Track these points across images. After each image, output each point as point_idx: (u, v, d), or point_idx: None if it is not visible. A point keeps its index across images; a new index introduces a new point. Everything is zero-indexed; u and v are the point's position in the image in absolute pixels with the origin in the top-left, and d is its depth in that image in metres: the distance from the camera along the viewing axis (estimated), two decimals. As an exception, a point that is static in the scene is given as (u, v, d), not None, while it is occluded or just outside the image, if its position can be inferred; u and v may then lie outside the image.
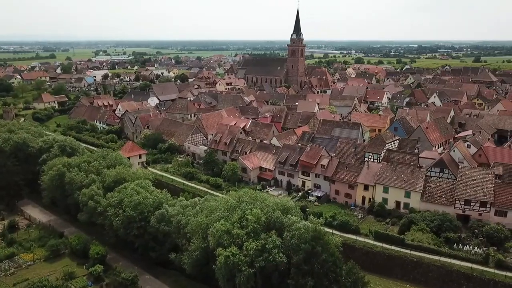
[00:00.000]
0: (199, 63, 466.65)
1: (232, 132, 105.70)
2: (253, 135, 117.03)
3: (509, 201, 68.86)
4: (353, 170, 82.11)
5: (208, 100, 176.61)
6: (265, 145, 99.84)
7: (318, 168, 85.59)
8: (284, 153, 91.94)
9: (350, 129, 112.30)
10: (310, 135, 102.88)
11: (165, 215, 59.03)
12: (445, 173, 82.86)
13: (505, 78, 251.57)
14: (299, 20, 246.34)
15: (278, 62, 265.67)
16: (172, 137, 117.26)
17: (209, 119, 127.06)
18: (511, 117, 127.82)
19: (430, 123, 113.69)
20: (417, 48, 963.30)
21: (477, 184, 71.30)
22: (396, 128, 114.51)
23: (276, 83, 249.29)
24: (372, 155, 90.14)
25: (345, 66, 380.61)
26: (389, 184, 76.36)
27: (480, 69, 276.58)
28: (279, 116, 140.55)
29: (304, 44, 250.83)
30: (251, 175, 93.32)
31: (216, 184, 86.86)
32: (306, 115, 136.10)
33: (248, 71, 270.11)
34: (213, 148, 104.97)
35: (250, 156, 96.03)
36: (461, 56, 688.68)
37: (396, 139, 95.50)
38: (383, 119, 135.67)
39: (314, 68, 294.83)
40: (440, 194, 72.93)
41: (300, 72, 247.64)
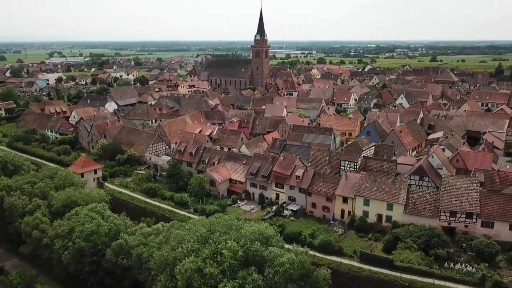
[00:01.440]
0: (160, 65, 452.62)
1: (197, 141, 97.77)
2: (220, 143, 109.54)
3: (495, 211, 65.19)
4: (330, 181, 76.40)
5: (170, 104, 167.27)
6: (234, 155, 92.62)
7: (292, 179, 79.37)
8: (255, 164, 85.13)
9: (321, 134, 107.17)
10: (281, 142, 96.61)
11: (124, 247, 50.73)
12: (425, 181, 79.12)
13: (465, 77, 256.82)
14: (262, 20, 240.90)
15: (242, 63, 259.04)
16: (132, 147, 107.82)
17: (172, 126, 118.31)
18: (479, 118, 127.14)
19: (403, 126, 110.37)
20: (375, 48, 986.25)
21: (461, 194, 67.28)
22: (368, 132, 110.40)
23: (241, 85, 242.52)
24: (348, 163, 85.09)
25: (308, 67, 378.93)
26: (369, 196, 71.13)
27: (441, 69, 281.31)
28: (246, 121, 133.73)
29: (268, 45, 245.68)
30: (220, 188, 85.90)
31: (182, 202, 78.65)
32: (275, 119, 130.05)
33: (211, 73, 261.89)
34: (177, 159, 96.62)
35: (218, 167, 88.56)
36: (417, 55, 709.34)
37: (372, 146, 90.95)
38: (353, 122, 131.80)
39: (279, 69, 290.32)
40: (424, 206, 68.41)
41: (265, 74, 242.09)
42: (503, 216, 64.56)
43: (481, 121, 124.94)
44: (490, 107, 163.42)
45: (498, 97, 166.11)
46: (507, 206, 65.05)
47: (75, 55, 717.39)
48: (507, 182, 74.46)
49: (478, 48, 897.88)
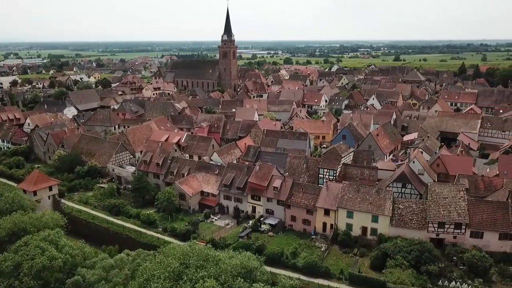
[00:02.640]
0: (123, 66, 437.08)
1: (165, 150, 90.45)
2: (190, 151, 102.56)
3: (484, 220, 62.04)
4: (311, 192, 71.31)
5: (134, 108, 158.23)
6: (206, 165, 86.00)
7: (270, 190, 73.76)
8: (229, 174, 78.94)
9: (296, 139, 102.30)
10: (256, 149, 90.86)
11: (81, 284, 43.37)
12: (408, 188, 75.52)
13: (430, 77, 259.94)
14: (229, 20, 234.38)
15: (210, 64, 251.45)
16: (93, 158, 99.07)
17: (137, 134, 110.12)
18: (452, 119, 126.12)
19: (380, 129, 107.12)
20: (339, 47, 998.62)
21: (449, 203, 63.78)
22: (344, 136, 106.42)
23: (209, 86, 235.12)
24: (327, 171, 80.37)
25: (276, 67, 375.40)
26: (353, 208, 66.53)
27: (407, 69, 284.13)
28: (217, 126, 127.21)
29: (236, 46, 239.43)
30: (191, 202, 79.16)
31: (149, 221, 71.31)
32: (247, 124, 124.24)
33: (177, 74, 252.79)
34: (142, 170, 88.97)
35: (188, 179, 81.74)
36: (380, 55, 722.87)
37: (351, 151, 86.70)
38: (326, 125, 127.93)
39: (247, 70, 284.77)
40: (410, 217, 64.45)
41: (233, 75, 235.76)
42: (493, 226, 61.51)
43: (454, 122, 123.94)
44: (459, 106, 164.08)
45: (467, 97, 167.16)
46: (496, 214, 62.07)
47: (32, 56, 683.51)
48: (491, 188, 71.92)
49: (437, 48, 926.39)
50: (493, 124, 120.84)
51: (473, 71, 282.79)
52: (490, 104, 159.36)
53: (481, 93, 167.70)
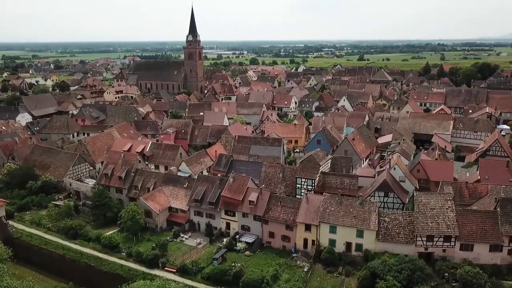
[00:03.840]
0: (83, 68, 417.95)
1: (127, 162, 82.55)
2: (155, 161, 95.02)
3: (474, 232, 58.63)
4: (290, 206, 65.88)
5: (94, 114, 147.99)
6: (173, 177, 78.86)
7: (245, 205, 67.78)
8: (200, 188, 72.31)
9: (270, 146, 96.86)
10: (228, 158, 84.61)
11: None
12: (390, 197, 71.65)
13: (396, 76, 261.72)
14: (194, 20, 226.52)
15: (175, 65, 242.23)
16: (47, 171, 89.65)
17: (97, 143, 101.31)
18: (425, 120, 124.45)
19: (355, 133, 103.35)
20: (304, 47, 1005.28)
21: (437, 214, 60.00)
22: (319, 141, 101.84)
23: (174, 89, 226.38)
24: (305, 181, 75.31)
25: (243, 68, 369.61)
26: (336, 222, 61.60)
27: (374, 69, 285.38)
28: (184, 132, 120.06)
29: (201, 46, 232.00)
30: (159, 220, 71.96)
31: (111, 244, 63.60)
32: (216, 129, 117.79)
33: (140, 77, 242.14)
34: (103, 185, 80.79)
35: (154, 194, 74.46)
36: (344, 54, 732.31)
37: (329, 159, 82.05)
38: (299, 128, 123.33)
39: (214, 71, 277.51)
40: (397, 230, 60.22)
41: (199, 77, 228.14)
42: (483, 237, 58.20)
43: (427, 123, 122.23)
44: (428, 107, 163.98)
45: (435, 97, 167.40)
46: (486, 225, 58.82)
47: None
48: (476, 195, 68.96)
49: (398, 47, 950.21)
50: (465, 125, 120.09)
51: (437, 70, 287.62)
52: (458, 104, 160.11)
53: (449, 93, 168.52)
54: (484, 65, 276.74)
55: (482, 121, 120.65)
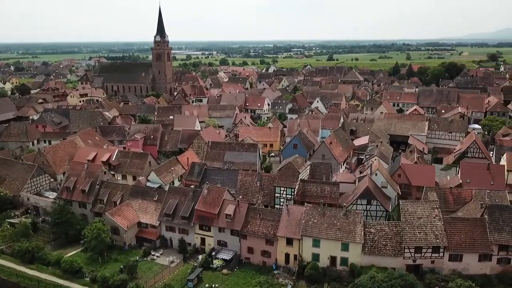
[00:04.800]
0: (46, 70, 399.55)
1: (92, 173, 75.95)
2: (122, 170, 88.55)
3: (462, 241, 56.06)
4: (270, 218, 61.52)
5: (56, 119, 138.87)
6: (142, 189, 72.99)
7: (221, 219, 62.92)
8: (171, 201, 66.88)
9: (245, 151, 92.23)
10: (201, 167, 79.38)
11: None
12: (373, 205, 68.57)
13: (367, 76, 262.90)
14: (162, 20, 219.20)
15: (142, 67, 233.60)
16: (2, 185, 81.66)
17: (58, 152, 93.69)
18: (400, 121, 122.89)
19: (332, 136, 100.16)
20: (273, 48, 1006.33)
21: (424, 224, 57.11)
22: (295, 145, 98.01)
23: (142, 91, 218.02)
24: (285, 189, 71.16)
25: (213, 69, 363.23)
26: (319, 235, 57.69)
27: (345, 69, 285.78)
28: (153, 137, 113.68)
29: (170, 47, 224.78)
30: (127, 237, 66.05)
31: (73, 269, 57.23)
32: (188, 134, 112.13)
33: (106, 79, 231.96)
34: (65, 199, 73.95)
35: (122, 208, 68.44)
36: (313, 54, 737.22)
37: (308, 165, 78.23)
38: (273, 132, 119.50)
39: (183, 72, 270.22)
40: (384, 242, 56.91)
41: (168, 78, 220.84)
42: (472, 247, 55.76)
43: (402, 124, 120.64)
44: (401, 107, 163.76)
45: (408, 97, 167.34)
46: (474, 234, 56.41)
47: None
48: (460, 200, 66.79)
49: (365, 47, 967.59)
50: (440, 126, 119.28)
51: (406, 70, 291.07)
52: (430, 104, 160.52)
53: (421, 93, 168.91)
54: (451, 64, 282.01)
55: (456, 121, 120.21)
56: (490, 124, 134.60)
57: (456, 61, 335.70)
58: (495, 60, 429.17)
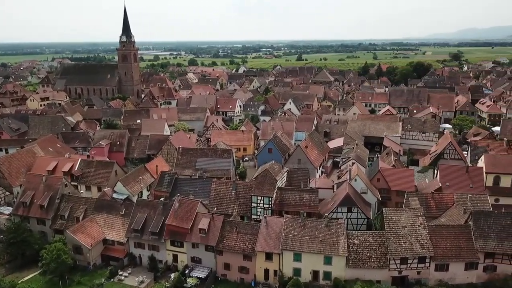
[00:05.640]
0: (5, 71, 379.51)
1: (51, 186, 69.57)
2: (86, 181, 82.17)
3: (448, 250, 53.94)
4: (247, 232, 57.52)
5: (14, 125, 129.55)
6: (107, 203, 67.36)
7: (195, 234, 58.39)
8: (139, 215, 61.77)
9: (218, 158, 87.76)
10: (172, 176, 74.35)
11: None
12: (354, 212, 65.84)
13: (337, 76, 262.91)
14: (127, 20, 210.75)
15: (108, 68, 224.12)
16: (-50, 201, 74.13)
17: (14, 163, 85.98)
18: (374, 122, 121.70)
19: (308, 140, 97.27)
20: (242, 48, 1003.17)
21: (409, 233, 54.62)
22: (270, 150, 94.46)
23: (108, 94, 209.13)
24: (262, 199, 67.31)
25: (182, 69, 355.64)
26: (301, 249, 54.18)
27: (315, 69, 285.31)
28: (119, 144, 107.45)
29: (136, 48, 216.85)
30: (91, 256, 60.43)
31: (29, 298, 51.48)
32: (156, 139, 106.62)
33: (69, 81, 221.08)
34: (21, 215, 67.35)
35: (85, 224, 62.70)
36: (282, 54, 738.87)
37: (285, 172, 74.73)
38: (247, 135, 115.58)
39: (150, 74, 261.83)
40: (369, 254, 54.00)
41: (135, 80, 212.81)
42: (458, 255, 53.71)
43: (376, 125, 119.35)
44: (373, 107, 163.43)
45: (380, 97, 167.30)
46: (460, 241, 54.41)
47: None
48: (442, 205, 64.90)
49: (332, 47, 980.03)
50: (414, 126, 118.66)
51: (375, 70, 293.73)
52: (402, 104, 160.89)
53: (392, 93, 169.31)
54: (418, 64, 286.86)
55: (429, 121, 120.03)
56: (461, 124, 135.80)
57: (422, 60, 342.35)
58: (458, 60, 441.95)
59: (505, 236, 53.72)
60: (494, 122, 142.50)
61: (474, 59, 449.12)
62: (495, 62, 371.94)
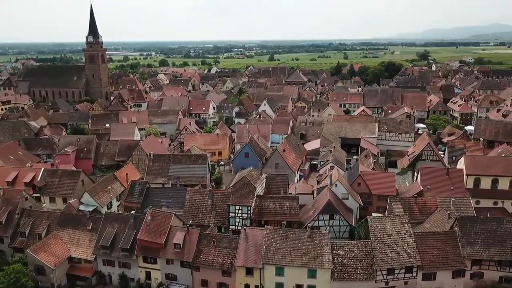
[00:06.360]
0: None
1: (10, 200, 63.76)
2: (50, 193, 76.29)
3: (435, 258, 52.02)
4: (226, 246, 53.93)
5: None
6: (72, 217, 62.12)
7: (169, 249, 54.31)
8: (108, 230, 57.10)
9: (193, 164, 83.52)
10: (143, 186, 69.79)
11: None
12: (336, 220, 63.43)
13: (310, 77, 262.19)
14: (94, 19, 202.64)
15: (74, 70, 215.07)
16: None
17: (-31, 174, 79.45)
18: (350, 123, 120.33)
19: (285, 143, 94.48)
20: (213, 48, 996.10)
21: (395, 242, 52.40)
22: (247, 154, 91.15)
23: (75, 97, 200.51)
24: (240, 208, 63.84)
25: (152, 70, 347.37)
26: (283, 262, 51.01)
27: (287, 69, 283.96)
28: (87, 150, 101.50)
29: (104, 48, 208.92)
30: (55, 277, 55.25)
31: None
32: (126, 145, 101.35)
33: (33, 83, 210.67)
34: (-24, 234, 61.36)
35: (48, 241, 57.48)
36: (254, 54, 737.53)
37: (264, 178, 71.47)
38: (222, 139, 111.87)
39: (120, 75, 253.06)
40: (354, 265, 51.38)
41: (104, 82, 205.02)
42: (445, 263, 51.86)
43: (353, 127, 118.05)
44: (348, 108, 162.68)
45: (354, 98, 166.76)
46: (446, 248, 52.61)
47: None
48: (426, 210, 63.24)
49: (303, 47, 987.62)
50: (390, 127, 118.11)
51: (347, 69, 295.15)
52: (376, 104, 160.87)
53: (366, 93, 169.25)
54: (390, 64, 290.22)
55: (405, 122, 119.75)
56: (435, 123, 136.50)
57: (391, 60, 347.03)
58: (426, 59, 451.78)
59: (491, 242, 52.35)
60: (466, 121, 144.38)
61: (441, 59, 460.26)
62: (461, 62, 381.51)
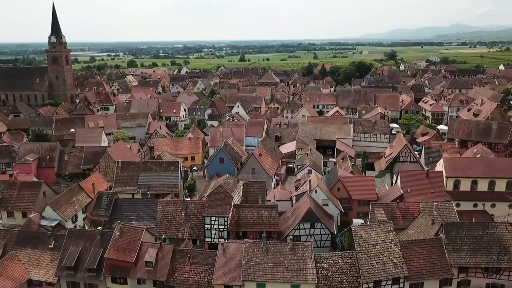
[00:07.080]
0: None
1: (-39, 217, 57.88)
2: (8, 207, 70.18)
3: (422, 267, 49.88)
4: (202, 262, 50.09)
5: None
6: (33, 235, 56.53)
7: (140, 267, 49.96)
8: (72, 248, 52.13)
9: (164, 171, 79.07)
10: (111, 198, 64.84)
11: None
12: (317, 228, 60.79)
13: (282, 77, 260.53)
14: (56, 18, 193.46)
15: (37, 72, 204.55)
16: None
17: None
18: (325, 125, 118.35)
19: (261, 147, 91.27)
20: (183, 48, 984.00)
21: (381, 252, 49.97)
22: (222, 159, 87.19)
23: (37, 100, 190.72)
24: (216, 219, 60.09)
25: (120, 72, 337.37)
26: (264, 278, 47.67)
27: (259, 69, 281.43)
28: (49, 158, 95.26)
29: (68, 49, 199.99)
30: (12, 303, 50.01)
31: None
32: (92, 151, 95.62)
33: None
34: None
35: (4, 263, 51.77)
36: (224, 55, 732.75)
37: (241, 186, 67.89)
38: (194, 143, 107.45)
39: (86, 77, 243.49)
40: (339, 279, 48.63)
41: (68, 84, 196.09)
42: (432, 272, 49.69)
43: (328, 128, 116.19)
44: (321, 109, 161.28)
45: (328, 98, 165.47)
46: (433, 257, 50.54)
47: None
48: (409, 215, 61.35)
49: (273, 47, 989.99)
50: (365, 128, 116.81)
51: (319, 70, 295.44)
52: (349, 105, 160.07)
53: (340, 94, 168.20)
54: (360, 64, 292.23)
55: (379, 122, 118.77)
56: (408, 123, 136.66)
57: (361, 60, 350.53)
58: (394, 59, 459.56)
59: (477, 249, 50.73)
60: (438, 120, 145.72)
61: (408, 58, 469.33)
62: (428, 61, 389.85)
